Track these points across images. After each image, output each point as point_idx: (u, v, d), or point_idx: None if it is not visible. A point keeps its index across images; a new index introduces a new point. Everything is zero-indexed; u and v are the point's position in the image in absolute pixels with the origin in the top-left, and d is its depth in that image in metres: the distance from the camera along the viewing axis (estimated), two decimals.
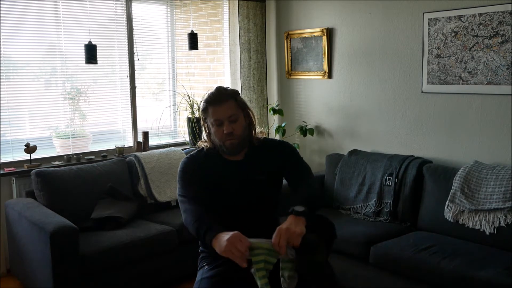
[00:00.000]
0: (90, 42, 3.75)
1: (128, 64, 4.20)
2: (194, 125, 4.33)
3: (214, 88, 2.26)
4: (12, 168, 3.63)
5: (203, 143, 2.31)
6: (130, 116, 4.27)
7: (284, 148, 2.34)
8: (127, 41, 4.16)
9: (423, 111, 3.78)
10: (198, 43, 4.34)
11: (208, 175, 2.22)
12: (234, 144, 2.19)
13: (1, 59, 3.60)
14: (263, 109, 4.86)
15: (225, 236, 1.88)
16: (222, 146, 2.21)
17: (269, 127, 4.80)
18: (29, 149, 3.64)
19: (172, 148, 4.19)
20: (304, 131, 4.49)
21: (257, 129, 2.33)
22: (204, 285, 2.13)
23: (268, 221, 2.24)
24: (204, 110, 2.22)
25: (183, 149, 4.18)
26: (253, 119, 2.28)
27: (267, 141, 2.35)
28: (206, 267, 2.22)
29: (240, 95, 2.30)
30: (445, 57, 3.58)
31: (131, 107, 4.26)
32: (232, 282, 2.13)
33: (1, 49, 3.59)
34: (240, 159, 2.26)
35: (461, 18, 3.46)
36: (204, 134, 2.31)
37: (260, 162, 2.26)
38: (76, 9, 3.89)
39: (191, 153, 2.33)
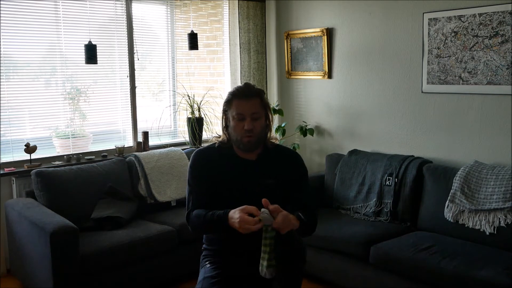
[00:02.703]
0: (90, 42, 3.75)
1: (128, 64, 4.20)
2: (194, 125, 4.33)
3: (243, 83, 2.25)
4: (12, 168, 3.63)
5: (216, 138, 2.29)
6: (130, 116, 4.26)
7: (298, 163, 2.30)
8: (127, 41, 4.16)
9: (423, 111, 3.78)
10: (198, 43, 4.33)
11: (219, 172, 2.20)
12: (251, 142, 2.16)
13: (1, 59, 3.60)
14: None
15: (235, 214, 1.98)
16: (238, 142, 2.18)
17: None
18: (29, 149, 3.64)
19: (172, 148, 4.18)
20: (304, 131, 4.49)
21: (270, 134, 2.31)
22: (206, 284, 2.11)
23: None
24: (228, 102, 2.19)
25: (183, 149, 4.18)
26: (271, 121, 2.26)
27: (281, 148, 2.32)
28: (208, 265, 2.20)
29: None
30: (445, 57, 3.58)
31: (131, 107, 4.25)
32: (234, 282, 2.12)
33: (1, 49, 3.59)
34: (252, 159, 2.23)
35: (461, 18, 3.46)
36: (220, 127, 2.27)
37: (272, 166, 2.23)
38: (76, 9, 3.89)
39: (201, 148, 2.31)
